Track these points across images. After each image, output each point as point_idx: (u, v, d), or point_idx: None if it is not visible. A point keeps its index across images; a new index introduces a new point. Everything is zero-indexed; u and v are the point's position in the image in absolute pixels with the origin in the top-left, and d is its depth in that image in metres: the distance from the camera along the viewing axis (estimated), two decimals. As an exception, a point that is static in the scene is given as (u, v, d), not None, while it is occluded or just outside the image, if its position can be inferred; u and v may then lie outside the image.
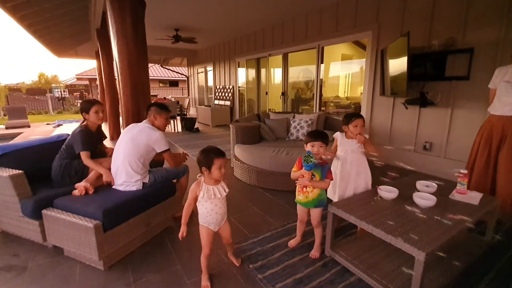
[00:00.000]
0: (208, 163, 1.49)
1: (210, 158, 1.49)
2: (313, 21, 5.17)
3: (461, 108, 3.35)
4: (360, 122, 2.03)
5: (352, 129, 2.04)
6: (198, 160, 1.52)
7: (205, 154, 1.50)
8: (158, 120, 2.16)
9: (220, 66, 8.87)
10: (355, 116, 2.05)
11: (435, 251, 1.32)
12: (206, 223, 1.58)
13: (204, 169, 1.50)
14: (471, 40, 3.18)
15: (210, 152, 1.51)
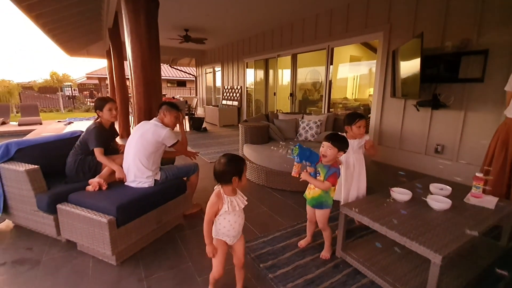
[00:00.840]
0: (240, 171, 1.37)
1: (241, 164, 1.39)
2: (323, 21, 5.15)
3: (475, 111, 3.30)
4: (363, 123, 2.04)
5: (356, 130, 2.05)
6: (225, 171, 1.35)
7: (236, 162, 1.38)
8: (168, 117, 2.19)
9: (228, 67, 8.90)
10: (359, 117, 2.05)
11: (451, 254, 1.30)
12: (225, 237, 1.42)
13: (235, 179, 1.36)
14: (486, 42, 3.13)
15: (239, 159, 1.40)
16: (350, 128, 2.07)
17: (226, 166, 1.35)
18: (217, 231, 1.42)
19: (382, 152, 4.39)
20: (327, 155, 1.74)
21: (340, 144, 1.72)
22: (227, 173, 1.35)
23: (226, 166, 1.36)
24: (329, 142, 1.72)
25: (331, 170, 1.73)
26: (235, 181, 1.37)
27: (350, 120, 2.07)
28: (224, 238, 1.43)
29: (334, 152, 1.72)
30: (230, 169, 1.35)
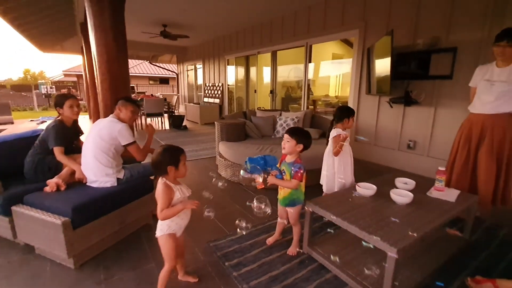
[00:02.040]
0: (176, 161, 1.39)
1: (177, 154, 1.41)
2: (302, 18, 5.15)
3: (444, 107, 3.39)
4: (354, 117, 2.30)
5: (351, 122, 2.28)
6: (159, 161, 1.36)
7: (170, 152, 1.40)
8: (123, 112, 2.05)
9: (209, 64, 8.79)
10: (353, 113, 2.28)
11: (407, 247, 1.31)
12: (177, 229, 1.45)
13: (171, 168, 1.37)
14: (455, 40, 3.21)
15: (174, 149, 1.43)
16: (348, 121, 2.24)
17: (161, 156, 1.37)
18: (169, 226, 1.42)
19: (358, 149, 4.45)
20: (285, 147, 1.75)
21: (298, 137, 1.71)
22: (162, 163, 1.37)
23: (161, 156, 1.38)
24: (287, 134, 1.73)
25: (295, 166, 1.72)
26: (171, 171, 1.38)
27: (348, 114, 2.26)
28: (176, 231, 1.45)
29: (292, 145, 1.72)
30: (164, 159, 1.37)
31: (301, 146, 1.75)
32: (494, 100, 2.17)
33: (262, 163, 1.70)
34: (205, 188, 2.95)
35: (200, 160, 4.24)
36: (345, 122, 2.25)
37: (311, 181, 3.10)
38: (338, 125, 2.25)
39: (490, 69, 2.25)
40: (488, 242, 2.04)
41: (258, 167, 1.68)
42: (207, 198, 1.67)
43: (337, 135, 2.19)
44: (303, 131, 1.79)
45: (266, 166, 1.72)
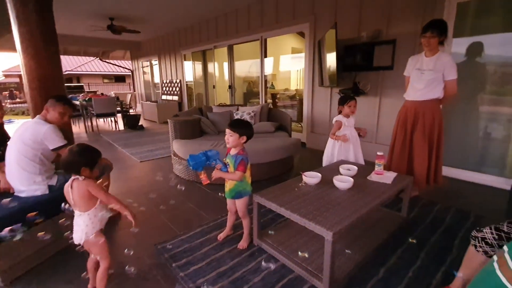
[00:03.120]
0: (91, 162, 1.34)
1: (95, 156, 1.37)
2: (255, 12, 5.14)
3: (388, 96, 3.61)
4: (353, 103, 2.50)
5: (347, 109, 2.50)
6: (75, 161, 1.30)
7: (86, 153, 1.34)
8: (51, 113, 1.86)
9: (165, 59, 8.45)
10: (349, 99, 2.50)
11: (343, 230, 1.37)
12: (102, 226, 1.41)
13: (84, 170, 1.31)
14: (394, 32, 3.42)
15: (91, 150, 1.37)
16: (343, 108, 2.51)
17: (75, 156, 1.31)
18: (96, 224, 1.37)
19: (314, 139, 4.60)
20: (229, 141, 1.74)
21: (240, 129, 1.71)
22: (76, 163, 1.30)
23: (75, 156, 1.31)
24: (229, 128, 1.72)
25: (238, 158, 1.71)
26: (85, 172, 1.32)
27: (342, 102, 2.52)
28: (102, 226, 1.42)
29: (236, 138, 1.71)
30: (79, 159, 1.31)
31: (244, 138, 1.74)
32: (424, 87, 2.35)
33: (203, 159, 1.70)
34: (156, 189, 2.87)
35: (156, 160, 4.08)
36: (342, 110, 2.52)
37: (266, 174, 3.16)
38: (343, 113, 2.55)
39: (420, 59, 2.43)
40: (423, 218, 2.23)
41: (200, 164, 1.69)
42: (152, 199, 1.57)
43: (336, 121, 2.54)
44: (244, 122, 1.79)
45: (208, 161, 1.72)
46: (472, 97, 3.15)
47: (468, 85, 3.13)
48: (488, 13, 2.89)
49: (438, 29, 2.20)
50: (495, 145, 3.05)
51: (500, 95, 3.00)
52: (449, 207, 2.42)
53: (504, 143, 2.98)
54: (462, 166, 3.13)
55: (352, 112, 2.51)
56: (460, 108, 3.22)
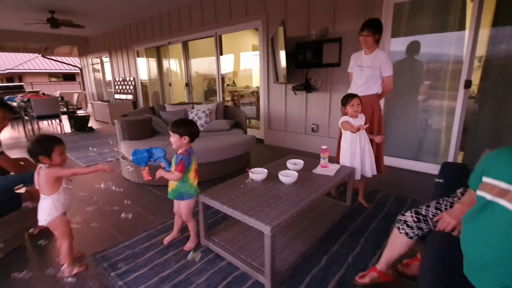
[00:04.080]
0: (47, 152, 1.45)
1: (50, 145, 1.46)
2: (208, 7, 5.04)
3: (337, 92, 3.78)
4: (356, 101, 2.17)
5: (350, 109, 2.17)
6: (31, 150, 1.45)
7: (43, 142, 1.46)
8: None
9: (117, 56, 7.95)
10: (351, 97, 2.19)
11: (282, 224, 1.40)
12: (65, 209, 1.57)
13: (43, 158, 1.45)
14: (340, 31, 3.58)
15: (46, 139, 1.48)
16: (346, 108, 2.21)
17: (31, 146, 1.44)
18: (59, 208, 1.51)
19: (272, 135, 4.67)
20: (172, 142, 1.70)
21: (180, 130, 1.66)
22: (32, 152, 1.45)
23: (31, 145, 1.44)
24: (169, 129, 1.68)
25: (178, 158, 1.66)
26: (44, 160, 1.45)
27: (344, 100, 2.22)
28: (65, 210, 1.57)
29: (177, 139, 1.67)
30: (35, 149, 1.44)
31: (186, 138, 1.69)
32: (364, 83, 2.49)
33: (145, 155, 1.67)
34: (100, 194, 2.68)
35: (105, 164, 3.82)
36: (345, 111, 2.23)
37: (221, 172, 3.13)
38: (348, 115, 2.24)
39: (360, 56, 2.56)
40: (365, 207, 2.36)
41: (142, 159, 1.66)
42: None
43: (342, 122, 2.23)
44: (185, 121, 1.73)
45: (151, 158, 1.69)
46: (410, 92, 3.42)
47: (407, 80, 3.40)
48: (421, 15, 3.14)
49: (373, 27, 2.34)
50: (430, 135, 3.35)
51: (433, 89, 3.30)
52: (390, 194, 2.60)
53: (437, 133, 3.29)
54: (402, 155, 3.39)
55: (357, 111, 2.17)
56: (400, 102, 3.48)
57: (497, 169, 0.93)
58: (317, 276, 1.53)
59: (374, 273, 1.45)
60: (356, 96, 2.19)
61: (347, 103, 2.19)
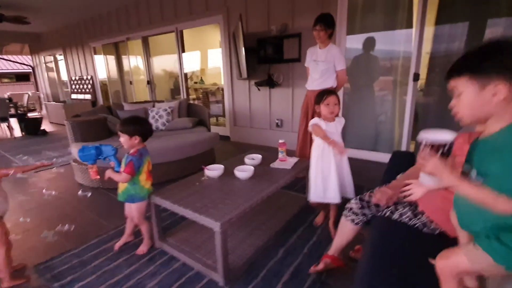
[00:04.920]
0: None
1: None
2: (167, 1, 4.87)
3: (298, 87, 3.83)
4: (333, 100, 1.71)
5: (324, 109, 1.71)
6: None
7: None
8: None
9: (72, 53, 7.43)
10: (327, 93, 1.73)
11: (233, 219, 1.38)
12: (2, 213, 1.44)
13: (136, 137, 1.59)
14: (299, 26, 3.62)
15: None
16: (320, 108, 1.75)
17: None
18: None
19: (237, 132, 4.65)
20: (122, 143, 1.61)
21: (128, 128, 1.58)
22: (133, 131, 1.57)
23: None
24: (117, 128, 1.59)
25: (127, 158, 1.58)
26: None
27: (318, 98, 1.76)
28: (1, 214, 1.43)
29: (126, 139, 1.59)
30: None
31: (137, 138, 1.62)
32: (319, 77, 2.55)
33: (93, 152, 1.59)
34: (50, 201, 2.48)
35: (57, 168, 3.56)
36: (319, 110, 1.78)
37: (183, 171, 3.04)
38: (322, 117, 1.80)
39: (315, 51, 2.62)
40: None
41: (89, 157, 1.60)
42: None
43: (312, 126, 1.75)
44: (135, 120, 1.65)
45: (100, 156, 1.61)
46: (367, 85, 3.56)
47: (364, 75, 3.54)
48: (373, 13, 3.28)
49: (325, 22, 2.40)
50: (385, 126, 3.53)
51: (388, 83, 3.46)
52: (348, 184, 2.70)
53: (391, 124, 3.46)
54: (360, 146, 3.54)
55: (332, 113, 1.71)
56: (358, 95, 3.62)
57: None
58: (273, 269, 1.54)
59: (327, 260, 1.49)
60: (333, 93, 1.75)
61: (321, 101, 1.73)
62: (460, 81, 0.71)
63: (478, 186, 0.68)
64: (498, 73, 0.65)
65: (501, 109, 0.68)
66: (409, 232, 1.21)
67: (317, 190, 1.76)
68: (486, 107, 0.68)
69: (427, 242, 1.15)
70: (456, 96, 0.74)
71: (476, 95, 0.68)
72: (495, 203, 0.65)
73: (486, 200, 0.66)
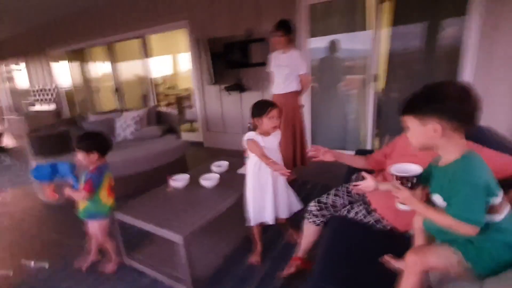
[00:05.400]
0: None
1: None
2: (132, 6, 4.74)
3: (268, 90, 3.86)
4: (276, 112, 1.53)
5: (267, 122, 1.52)
6: None
7: None
8: None
9: (33, 62, 7.01)
10: (271, 105, 1.52)
11: (197, 230, 1.39)
12: None
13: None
14: (264, 31, 3.66)
15: None
16: (261, 121, 1.53)
17: None
18: None
19: (211, 137, 4.62)
20: (81, 160, 1.56)
21: (82, 144, 1.55)
22: None
23: None
24: (76, 147, 1.54)
25: (87, 176, 1.54)
26: None
27: (259, 111, 1.52)
28: None
29: (84, 155, 1.55)
30: None
31: (95, 154, 1.57)
32: (283, 81, 2.61)
33: (49, 171, 1.53)
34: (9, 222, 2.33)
35: (20, 187, 3.36)
36: (260, 125, 1.56)
37: (153, 182, 2.94)
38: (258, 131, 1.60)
39: (278, 56, 2.67)
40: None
41: (45, 176, 1.54)
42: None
43: (248, 141, 1.56)
44: (90, 135, 1.62)
45: (56, 174, 1.56)
46: (333, 86, 3.69)
47: (330, 76, 3.66)
48: (334, 16, 3.40)
49: (285, 28, 2.46)
50: (352, 125, 3.67)
51: (352, 83, 3.61)
52: (317, 183, 2.78)
53: (357, 123, 3.61)
54: (329, 145, 3.61)
55: (275, 127, 1.55)
56: (325, 96, 3.74)
57: None
58: (241, 276, 1.56)
59: (297, 262, 1.53)
60: (276, 106, 1.55)
61: (264, 113, 1.51)
62: (407, 119, 0.87)
63: (442, 214, 0.80)
64: (432, 115, 0.79)
65: (444, 142, 0.81)
66: (363, 230, 1.28)
67: (256, 211, 1.59)
68: (431, 140, 0.83)
69: (378, 239, 1.23)
70: (406, 129, 0.89)
71: (420, 130, 0.83)
72: (458, 228, 0.77)
73: (450, 226, 0.78)
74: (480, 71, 2.66)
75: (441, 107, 0.78)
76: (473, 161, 0.79)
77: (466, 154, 0.81)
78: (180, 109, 6.18)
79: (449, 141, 0.81)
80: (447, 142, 0.81)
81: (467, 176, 0.77)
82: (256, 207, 1.60)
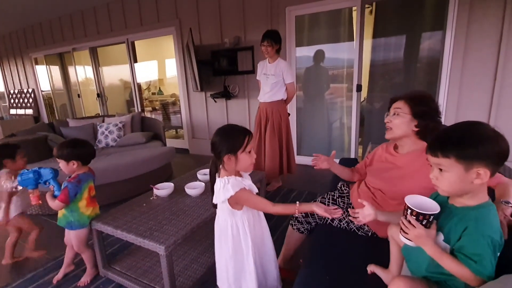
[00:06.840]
0: None
1: None
2: (116, 12, 4.68)
3: (254, 98, 3.89)
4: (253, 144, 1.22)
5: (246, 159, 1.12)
6: None
7: None
8: None
9: (10, 64, 6.76)
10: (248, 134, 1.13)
11: (179, 241, 1.35)
12: None
13: None
14: (251, 39, 3.71)
15: None
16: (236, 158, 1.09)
17: None
18: None
19: (195, 144, 4.57)
20: (62, 168, 1.51)
21: (63, 153, 1.49)
22: None
23: None
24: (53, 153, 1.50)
25: (63, 185, 1.48)
26: None
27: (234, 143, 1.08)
28: None
29: (64, 164, 1.50)
30: None
31: (74, 163, 1.51)
32: (269, 90, 2.63)
33: (31, 177, 1.49)
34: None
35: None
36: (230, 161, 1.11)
37: (137, 189, 2.86)
38: None
39: (265, 65, 2.70)
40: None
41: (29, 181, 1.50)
42: None
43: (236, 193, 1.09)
44: (71, 143, 1.55)
45: (40, 180, 1.51)
46: (319, 95, 3.75)
47: (315, 85, 3.73)
48: (319, 27, 3.49)
49: (273, 38, 2.49)
50: (337, 133, 3.74)
51: (337, 92, 3.68)
52: (303, 191, 2.80)
53: (342, 131, 3.68)
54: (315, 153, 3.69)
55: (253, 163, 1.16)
56: (310, 105, 3.79)
57: None
58: (225, 286, 1.52)
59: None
60: (250, 132, 1.15)
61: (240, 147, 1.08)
62: (445, 161, 0.75)
63: (459, 265, 0.73)
64: (480, 160, 0.72)
65: (477, 188, 0.75)
66: (346, 236, 1.29)
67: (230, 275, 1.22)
68: (469, 186, 0.75)
69: (361, 244, 1.24)
70: (437, 171, 0.79)
71: (460, 176, 0.74)
72: (467, 279, 0.73)
73: (461, 276, 0.73)
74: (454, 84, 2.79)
75: (490, 151, 0.72)
76: (493, 212, 0.76)
77: (490, 202, 0.77)
78: (165, 115, 6.09)
79: (483, 186, 0.76)
80: (482, 187, 0.76)
81: (488, 230, 0.72)
82: None
